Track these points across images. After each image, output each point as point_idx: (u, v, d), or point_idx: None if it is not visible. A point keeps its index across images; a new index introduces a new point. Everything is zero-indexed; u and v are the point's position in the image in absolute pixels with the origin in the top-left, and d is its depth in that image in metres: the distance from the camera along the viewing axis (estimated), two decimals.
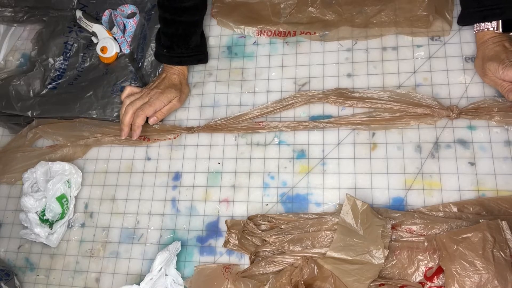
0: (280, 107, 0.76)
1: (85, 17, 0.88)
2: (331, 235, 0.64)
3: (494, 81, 0.67)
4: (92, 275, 0.75)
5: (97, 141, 0.81)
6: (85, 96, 0.83)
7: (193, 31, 0.79)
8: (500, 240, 0.57)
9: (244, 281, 0.64)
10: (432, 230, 0.62)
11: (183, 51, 0.79)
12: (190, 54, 0.80)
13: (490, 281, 0.54)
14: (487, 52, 0.67)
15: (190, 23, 0.79)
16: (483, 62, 0.67)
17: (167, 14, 0.78)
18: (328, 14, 0.79)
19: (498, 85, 0.66)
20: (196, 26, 0.80)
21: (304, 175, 0.72)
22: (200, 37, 0.82)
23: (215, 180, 0.75)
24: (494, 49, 0.66)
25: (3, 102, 0.85)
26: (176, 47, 0.79)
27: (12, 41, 0.97)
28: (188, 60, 0.81)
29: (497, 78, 0.66)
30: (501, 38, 0.67)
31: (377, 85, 0.74)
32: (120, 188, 0.79)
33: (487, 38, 0.68)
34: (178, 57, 0.80)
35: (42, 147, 0.85)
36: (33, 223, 0.76)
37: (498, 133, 0.67)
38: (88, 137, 0.82)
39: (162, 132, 0.79)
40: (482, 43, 0.68)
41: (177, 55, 0.79)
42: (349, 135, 0.72)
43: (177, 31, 0.78)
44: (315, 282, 0.62)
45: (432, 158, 0.68)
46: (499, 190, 0.64)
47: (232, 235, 0.69)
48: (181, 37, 0.79)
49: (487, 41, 0.68)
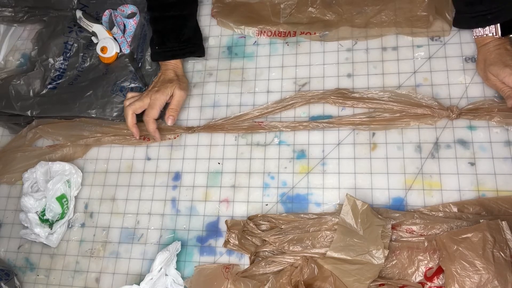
0: (280, 107, 0.76)
1: (85, 17, 0.88)
2: (331, 235, 0.64)
3: (495, 85, 0.66)
4: (92, 275, 0.75)
5: (97, 140, 0.81)
6: (84, 96, 0.83)
7: (183, 25, 0.80)
8: (500, 240, 0.57)
9: (244, 281, 0.64)
10: (432, 230, 0.62)
11: (174, 45, 0.80)
12: (182, 47, 0.80)
13: (490, 281, 0.54)
14: (488, 56, 0.67)
15: (179, 17, 0.80)
16: (485, 65, 0.67)
17: (155, 13, 0.80)
18: (328, 14, 0.79)
19: (500, 89, 0.66)
20: (186, 20, 0.81)
21: (304, 175, 0.72)
22: (193, 31, 0.82)
23: (215, 180, 0.75)
24: (495, 52, 0.66)
25: (3, 102, 0.85)
26: (167, 42, 0.80)
27: (12, 41, 0.97)
28: (181, 53, 0.81)
29: (499, 82, 0.65)
30: (502, 41, 0.67)
31: (377, 85, 0.74)
32: (120, 188, 0.79)
33: (488, 41, 0.67)
34: (170, 51, 0.80)
35: (42, 147, 0.85)
36: (33, 223, 0.76)
37: (498, 133, 0.67)
38: (88, 136, 0.82)
39: (162, 132, 0.79)
40: (482, 46, 0.68)
41: (169, 49, 0.80)
42: (349, 135, 0.72)
43: (166, 26, 0.80)
44: (315, 282, 0.62)
45: (432, 158, 0.68)
46: (499, 190, 0.64)
47: (232, 235, 0.69)
48: (171, 32, 0.80)
49: (488, 44, 0.67)
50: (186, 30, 0.80)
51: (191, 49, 0.82)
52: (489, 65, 0.66)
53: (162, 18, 0.80)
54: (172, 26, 0.80)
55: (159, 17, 0.80)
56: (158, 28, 0.81)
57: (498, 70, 0.64)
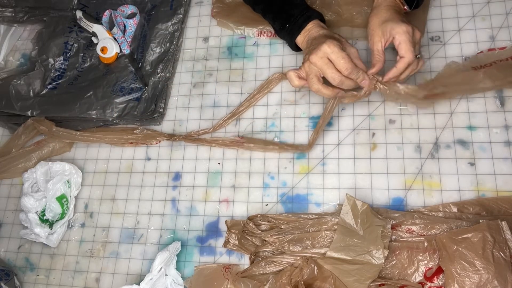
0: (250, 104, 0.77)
1: (85, 17, 0.88)
2: (331, 235, 0.64)
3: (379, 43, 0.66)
4: (92, 275, 0.75)
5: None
6: (85, 96, 0.83)
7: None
8: (500, 240, 0.57)
9: (244, 281, 0.64)
10: (432, 230, 0.62)
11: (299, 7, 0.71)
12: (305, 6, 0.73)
13: (490, 281, 0.54)
14: (383, 14, 0.67)
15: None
16: (380, 22, 0.66)
17: (260, 5, 0.76)
18: (328, 14, 0.79)
19: (377, 50, 0.66)
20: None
21: (304, 175, 0.72)
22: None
23: (215, 180, 0.76)
24: (390, 12, 0.66)
25: (3, 102, 0.86)
26: (292, 10, 0.72)
27: (12, 41, 0.97)
28: (311, 11, 0.72)
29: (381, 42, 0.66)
30: (393, 3, 0.68)
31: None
32: (120, 188, 0.79)
33: (381, 2, 0.68)
34: (301, 12, 0.71)
35: (30, 146, 0.84)
36: (33, 223, 0.76)
37: (497, 133, 0.67)
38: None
39: (146, 138, 0.80)
40: (377, 7, 0.68)
41: (300, 12, 0.71)
42: (349, 135, 0.73)
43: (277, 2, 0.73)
44: (315, 282, 0.62)
45: (432, 158, 0.68)
46: (499, 190, 0.64)
47: (232, 235, 0.69)
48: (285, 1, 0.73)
49: (381, 5, 0.68)
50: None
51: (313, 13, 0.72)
52: (384, 21, 0.65)
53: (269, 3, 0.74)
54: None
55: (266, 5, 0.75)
56: (273, 9, 0.74)
57: (394, 25, 0.64)
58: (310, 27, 0.69)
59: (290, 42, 0.74)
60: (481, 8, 0.74)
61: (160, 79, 0.83)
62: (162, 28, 0.87)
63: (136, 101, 0.82)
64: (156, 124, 0.82)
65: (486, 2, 0.75)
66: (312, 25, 0.69)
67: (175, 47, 0.86)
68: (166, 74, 0.84)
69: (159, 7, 0.89)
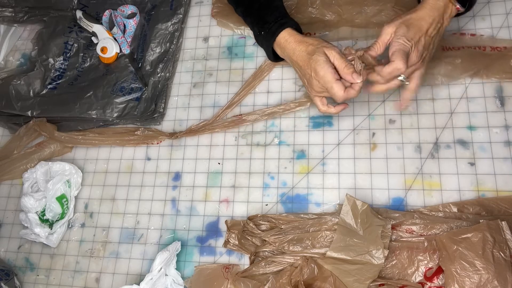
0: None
1: (85, 17, 0.88)
2: (331, 235, 0.64)
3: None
4: (92, 275, 0.75)
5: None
6: (85, 96, 0.83)
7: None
8: (500, 240, 0.57)
9: (244, 281, 0.64)
10: (432, 230, 0.62)
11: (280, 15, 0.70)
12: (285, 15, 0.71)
13: (490, 281, 0.54)
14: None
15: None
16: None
17: (240, 8, 0.75)
18: (328, 15, 0.79)
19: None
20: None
21: (304, 175, 0.72)
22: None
23: (215, 180, 0.76)
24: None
25: (3, 102, 0.86)
26: (267, 17, 0.70)
27: (12, 41, 0.97)
28: (290, 20, 0.70)
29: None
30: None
31: None
32: (120, 188, 0.79)
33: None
34: (276, 19, 0.69)
35: (32, 147, 0.84)
36: (33, 223, 0.76)
37: (497, 133, 0.67)
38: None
39: (147, 139, 0.80)
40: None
41: (275, 19, 0.69)
42: (349, 135, 0.73)
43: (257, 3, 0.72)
44: (315, 282, 0.62)
45: (432, 158, 0.68)
46: (499, 190, 0.64)
47: (232, 235, 0.69)
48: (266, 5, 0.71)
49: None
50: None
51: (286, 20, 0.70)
52: (410, 23, 0.61)
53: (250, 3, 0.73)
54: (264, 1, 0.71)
55: (248, 4, 0.73)
56: (252, 12, 0.73)
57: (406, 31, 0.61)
58: (284, 35, 0.67)
59: (267, 50, 0.72)
60: (481, 8, 0.74)
61: (160, 79, 0.83)
62: (162, 28, 0.87)
63: (136, 101, 0.82)
64: (156, 124, 0.82)
65: (486, 2, 0.75)
66: (286, 33, 0.67)
67: (175, 47, 0.86)
68: (166, 74, 0.84)
69: (159, 7, 0.89)
